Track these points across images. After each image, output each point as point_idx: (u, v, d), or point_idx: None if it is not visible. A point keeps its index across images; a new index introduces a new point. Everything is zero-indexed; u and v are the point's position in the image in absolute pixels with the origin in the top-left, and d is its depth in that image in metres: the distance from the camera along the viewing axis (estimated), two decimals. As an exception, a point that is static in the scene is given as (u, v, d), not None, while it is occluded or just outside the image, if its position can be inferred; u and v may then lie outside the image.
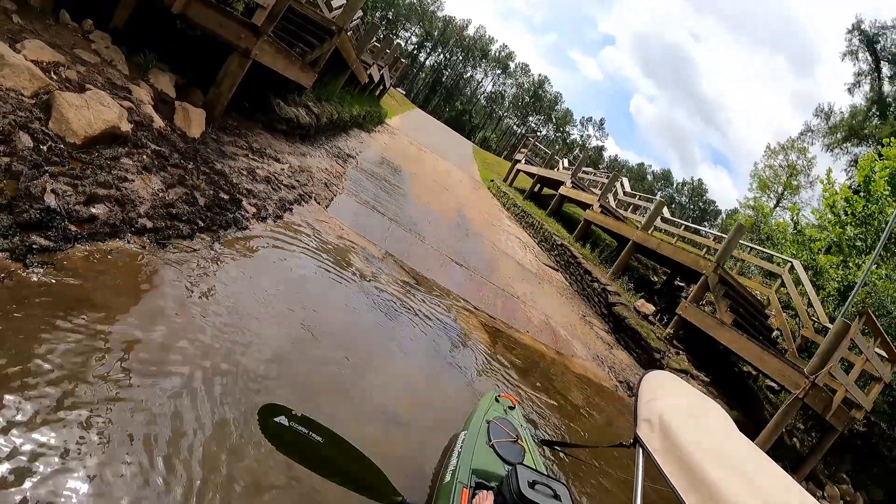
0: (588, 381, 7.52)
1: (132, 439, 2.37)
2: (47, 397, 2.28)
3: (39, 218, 3.08)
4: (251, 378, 3.23)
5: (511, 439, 3.31)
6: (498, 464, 3.03)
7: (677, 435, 1.93)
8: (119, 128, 4.39)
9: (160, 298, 3.38)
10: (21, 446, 2.04)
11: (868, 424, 11.43)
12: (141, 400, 2.58)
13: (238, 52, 6.30)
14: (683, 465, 1.80)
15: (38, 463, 2.04)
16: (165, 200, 4.18)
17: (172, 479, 2.31)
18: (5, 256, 2.78)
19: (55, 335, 2.60)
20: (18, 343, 2.43)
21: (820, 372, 7.97)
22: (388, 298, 5.83)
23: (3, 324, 2.47)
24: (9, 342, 2.40)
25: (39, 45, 5.20)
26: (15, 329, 2.49)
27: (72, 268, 3.04)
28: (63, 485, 2.02)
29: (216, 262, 4.20)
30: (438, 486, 3.02)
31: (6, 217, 2.95)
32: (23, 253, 2.85)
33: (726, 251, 11.66)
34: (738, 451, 1.93)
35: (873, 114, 35.92)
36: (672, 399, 2.23)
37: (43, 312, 2.68)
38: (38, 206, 3.15)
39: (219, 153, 6.03)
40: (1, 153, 3.41)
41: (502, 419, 3.54)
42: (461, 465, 2.96)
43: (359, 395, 3.82)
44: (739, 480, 1.69)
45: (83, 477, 2.10)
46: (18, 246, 2.86)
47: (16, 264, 2.79)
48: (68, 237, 3.18)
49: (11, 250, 2.82)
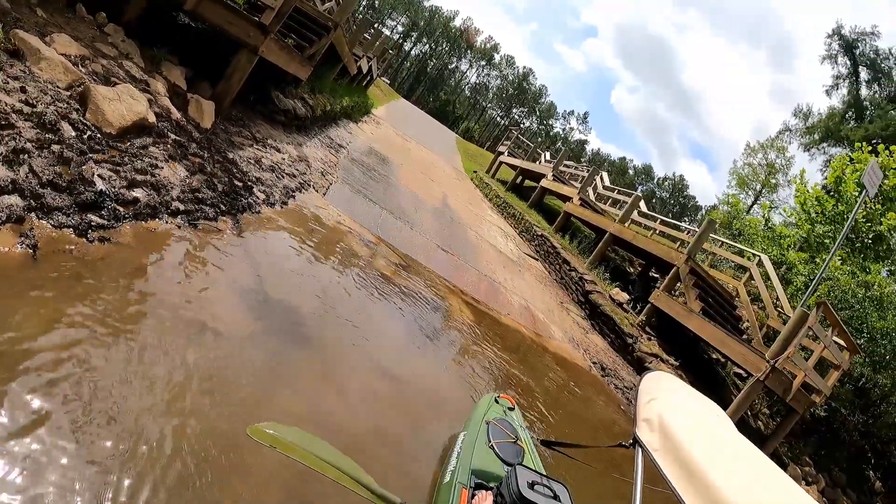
0: (563, 361, 8.14)
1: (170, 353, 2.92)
2: (125, 332, 2.86)
3: (93, 199, 3.59)
4: (288, 315, 4.10)
5: (510, 440, 3.35)
6: (497, 464, 3.08)
7: (677, 435, 1.93)
8: (147, 119, 4.87)
9: (203, 265, 4.04)
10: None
11: (830, 410, 12.19)
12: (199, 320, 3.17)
13: (247, 49, 6.76)
14: (683, 465, 1.80)
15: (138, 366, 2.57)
16: (192, 186, 4.69)
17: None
18: (71, 232, 3.29)
19: (122, 294, 3.18)
20: (92, 296, 2.97)
21: (780, 356, 8.66)
22: (383, 276, 6.41)
23: (80, 285, 3.00)
24: (83, 296, 2.95)
25: (67, 39, 5.62)
26: (93, 289, 3.03)
27: (125, 242, 3.58)
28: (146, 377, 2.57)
29: (240, 240, 4.82)
30: (438, 486, 3.09)
31: (67, 198, 3.45)
32: (84, 229, 3.35)
33: (697, 244, 12.37)
34: (738, 452, 1.94)
35: (850, 116, 37.01)
36: (672, 399, 2.23)
37: (111, 275, 3.24)
38: (91, 189, 3.65)
39: (228, 143, 6.52)
40: (52, 141, 3.89)
41: (502, 420, 3.58)
42: (461, 465, 3.02)
43: (366, 345, 4.52)
44: (739, 481, 1.70)
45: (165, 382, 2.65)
46: (80, 223, 3.37)
47: (79, 238, 3.30)
48: (118, 216, 3.69)
49: (75, 227, 3.33)
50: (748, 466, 1.84)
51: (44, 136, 3.85)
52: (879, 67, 37.09)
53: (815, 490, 10.25)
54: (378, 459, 3.35)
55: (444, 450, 3.80)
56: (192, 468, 2.45)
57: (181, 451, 2.48)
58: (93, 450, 2.23)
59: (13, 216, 3.04)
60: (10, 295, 2.65)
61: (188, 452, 2.50)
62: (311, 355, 4.02)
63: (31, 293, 2.75)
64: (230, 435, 2.70)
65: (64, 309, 2.80)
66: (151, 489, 2.23)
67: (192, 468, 2.45)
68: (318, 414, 3.43)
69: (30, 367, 2.36)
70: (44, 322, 2.62)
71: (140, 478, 2.25)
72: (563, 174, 21.23)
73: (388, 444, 3.63)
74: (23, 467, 2.00)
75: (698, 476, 1.71)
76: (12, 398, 2.20)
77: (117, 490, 2.15)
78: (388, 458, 3.48)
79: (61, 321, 2.71)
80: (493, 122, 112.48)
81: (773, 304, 12.69)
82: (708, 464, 1.74)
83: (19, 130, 3.78)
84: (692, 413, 2.17)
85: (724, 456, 1.85)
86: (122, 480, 2.20)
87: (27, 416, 2.18)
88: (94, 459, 2.20)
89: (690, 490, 1.70)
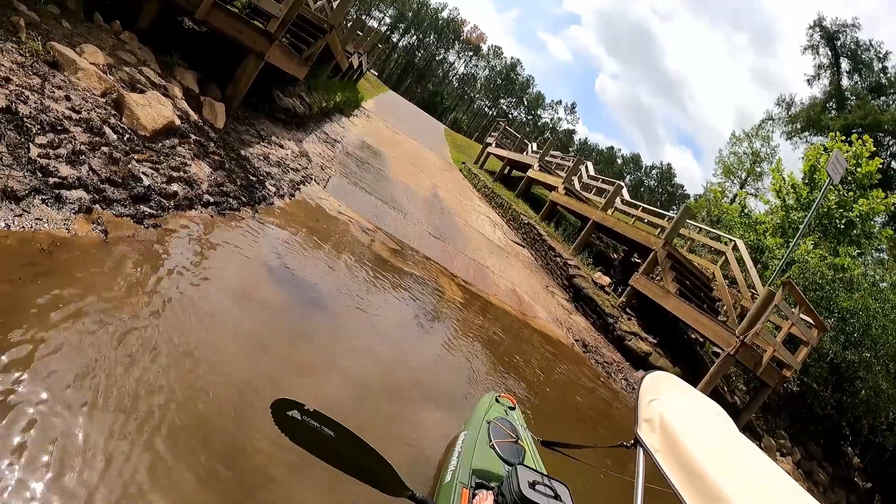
0: (547, 337, 8.88)
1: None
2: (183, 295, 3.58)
3: (143, 193, 4.27)
4: (304, 288, 5.00)
5: (511, 440, 3.38)
6: (498, 464, 3.10)
7: (678, 435, 1.95)
8: (174, 122, 5.53)
9: (236, 247, 4.85)
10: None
11: (804, 386, 12.99)
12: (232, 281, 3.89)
13: (254, 55, 7.41)
14: (684, 465, 1.82)
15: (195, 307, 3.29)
16: (217, 181, 5.37)
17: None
18: (129, 220, 3.97)
19: (179, 269, 3.94)
20: (156, 271, 3.67)
21: (749, 332, 9.43)
22: (381, 259, 7.14)
23: (146, 263, 3.71)
24: (149, 271, 3.66)
25: (94, 49, 6.23)
26: (153, 267, 3.74)
27: (172, 228, 4.30)
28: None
29: (260, 227, 5.59)
30: (439, 486, 3.12)
31: (123, 192, 4.12)
32: (140, 218, 4.04)
33: (674, 230, 13.14)
34: (738, 451, 1.95)
35: (831, 106, 37.88)
36: (673, 400, 2.25)
37: (168, 254, 3.98)
38: (140, 184, 4.32)
39: (239, 141, 7.19)
40: (101, 143, 4.55)
41: (502, 419, 3.62)
42: (461, 465, 3.05)
43: (369, 313, 5.35)
44: (740, 481, 1.70)
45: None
46: (136, 213, 4.05)
47: (137, 225, 3.98)
48: (163, 207, 4.37)
49: (132, 216, 4.01)
50: (749, 466, 1.86)
51: (94, 140, 4.52)
52: (860, 58, 37.85)
53: (790, 462, 11.01)
54: (379, 401, 4.15)
55: (445, 448, 3.92)
56: (250, 392, 3.26)
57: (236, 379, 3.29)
58: (177, 372, 3.07)
59: (83, 207, 3.72)
60: (97, 269, 3.38)
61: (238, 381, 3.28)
62: (324, 319, 4.84)
63: (110, 266, 3.49)
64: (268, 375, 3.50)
65: (139, 280, 3.56)
66: (224, 398, 3.09)
67: (250, 392, 3.26)
68: (330, 363, 4.21)
69: (122, 320, 3.13)
70: (124, 290, 3.36)
71: (217, 394, 3.09)
72: (549, 164, 21.88)
73: (389, 390, 4.43)
74: (133, 390, 2.73)
75: (699, 476, 1.73)
76: (122, 336, 3.02)
77: (204, 393, 3.01)
78: (385, 400, 4.27)
79: (139, 290, 3.47)
80: (481, 112, 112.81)
81: (747, 286, 13.45)
82: (709, 464, 1.76)
83: (73, 135, 4.44)
84: (693, 413, 2.20)
85: (726, 456, 1.87)
86: (209, 392, 3.06)
87: (130, 350, 2.96)
88: (175, 381, 2.99)
89: (691, 490, 1.72)
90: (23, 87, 4.63)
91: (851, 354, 12.45)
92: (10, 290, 2.80)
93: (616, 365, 9.90)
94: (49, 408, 2.35)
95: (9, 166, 3.49)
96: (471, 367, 5.96)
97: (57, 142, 4.11)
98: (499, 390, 4.60)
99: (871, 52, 37.70)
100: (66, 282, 3.10)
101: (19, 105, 4.25)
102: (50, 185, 3.62)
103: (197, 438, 2.73)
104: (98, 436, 2.39)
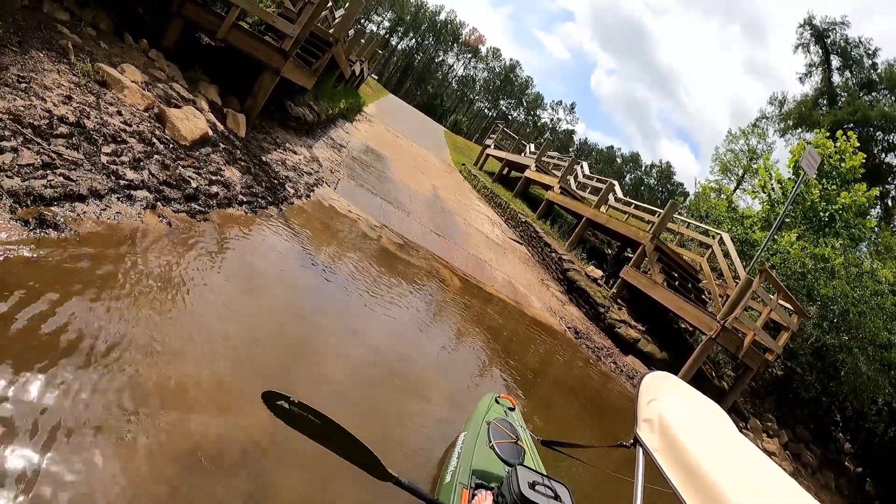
0: (540, 324, 9.70)
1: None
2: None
3: (193, 193, 5.11)
4: (324, 273, 5.83)
5: (511, 440, 3.40)
6: (498, 464, 3.12)
7: (678, 435, 1.96)
8: (208, 133, 6.36)
9: (267, 238, 5.79)
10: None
11: (788, 370, 13.70)
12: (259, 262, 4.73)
13: (270, 70, 8.24)
14: (684, 465, 1.83)
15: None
16: (247, 184, 6.21)
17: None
18: (185, 214, 4.82)
19: (228, 252, 4.80)
20: (210, 254, 4.52)
21: (729, 317, 10.20)
22: (389, 252, 7.99)
23: (207, 245, 4.57)
24: (210, 252, 4.50)
25: (133, 69, 7.06)
26: (212, 249, 4.57)
27: (218, 222, 5.15)
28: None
29: (285, 223, 6.46)
30: (439, 486, 3.15)
31: (178, 192, 4.97)
32: (193, 213, 4.89)
33: (661, 225, 13.92)
34: (738, 451, 1.95)
35: (823, 103, 38.66)
36: (672, 400, 2.26)
37: (219, 240, 4.84)
38: (189, 186, 5.15)
39: (260, 148, 8.03)
40: (153, 152, 5.38)
41: (502, 420, 3.65)
42: (461, 465, 3.06)
43: (379, 298, 6.15)
44: (740, 481, 1.70)
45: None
46: (190, 209, 4.90)
47: (191, 219, 4.83)
48: (209, 205, 5.21)
49: (187, 211, 4.86)
50: (749, 466, 1.86)
51: (147, 149, 5.35)
52: (850, 55, 38.60)
53: (776, 443, 11.71)
54: (383, 362, 5.06)
55: (445, 449, 4.04)
56: (285, 349, 4.13)
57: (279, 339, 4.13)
58: (240, 330, 3.96)
59: (149, 204, 4.56)
60: (170, 250, 4.28)
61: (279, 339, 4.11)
62: (342, 299, 5.73)
63: (184, 247, 4.43)
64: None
65: (205, 259, 4.51)
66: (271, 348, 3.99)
67: (285, 349, 4.13)
68: (343, 334, 5.08)
69: (203, 286, 4.07)
70: (195, 265, 4.27)
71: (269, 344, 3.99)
72: (546, 165, 22.55)
73: (392, 355, 5.35)
74: (209, 337, 3.57)
75: (699, 476, 1.73)
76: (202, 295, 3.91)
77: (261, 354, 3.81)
78: (391, 359, 5.19)
79: (204, 266, 4.40)
80: (480, 114, 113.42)
81: (732, 277, 14.24)
82: (709, 464, 1.76)
83: (131, 145, 5.27)
84: (693, 413, 2.21)
85: (725, 456, 1.88)
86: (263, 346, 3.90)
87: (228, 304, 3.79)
88: (237, 335, 3.83)
89: (691, 490, 1.73)
90: (83, 104, 5.46)
91: (832, 339, 13.08)
92: (140, 259, 3.94)
93: (606, 350, 10.70)
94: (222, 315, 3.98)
95: (89, 171, 4.32)
96: (469, 344, 6.89)
97: (119, 151, 4.94)
98: (498, 391, 4.67)
99: (860, 49, 38.45)
100: (167, 255, 4.21)
101: (85, 120, 5.08)
102: (122, 186, 4.45)
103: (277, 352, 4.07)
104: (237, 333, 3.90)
